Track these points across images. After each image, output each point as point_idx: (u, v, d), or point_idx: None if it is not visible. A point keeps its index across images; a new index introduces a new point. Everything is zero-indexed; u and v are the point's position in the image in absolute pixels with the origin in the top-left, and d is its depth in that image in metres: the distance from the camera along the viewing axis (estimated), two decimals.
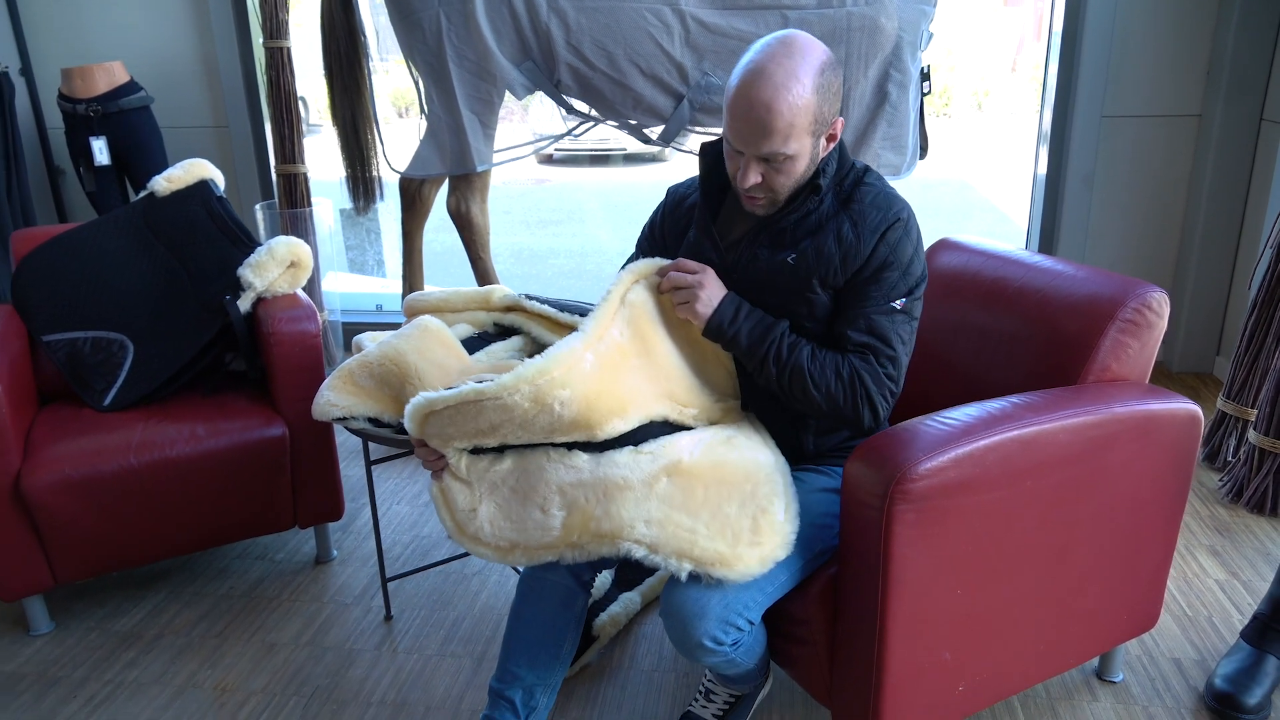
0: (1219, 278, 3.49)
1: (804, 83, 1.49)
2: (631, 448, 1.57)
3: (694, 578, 1.52)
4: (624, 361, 1.59)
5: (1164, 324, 1.83)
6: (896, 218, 1.61)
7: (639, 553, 1.51)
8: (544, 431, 1.54)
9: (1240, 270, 3.43)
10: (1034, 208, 3.74)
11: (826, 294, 1.63)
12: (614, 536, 1.52)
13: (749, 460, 1.62)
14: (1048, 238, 3.68)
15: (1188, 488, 1.84)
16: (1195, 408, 1.78)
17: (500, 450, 1.58)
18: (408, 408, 1.56)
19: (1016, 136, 11.32)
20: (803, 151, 1.54)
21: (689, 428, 1.64)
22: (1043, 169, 3.64)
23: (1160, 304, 1.81)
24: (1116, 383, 1.79)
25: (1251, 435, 2.67)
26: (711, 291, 1.60)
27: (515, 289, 2.31)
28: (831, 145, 1.61)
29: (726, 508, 1.56)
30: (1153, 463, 1.76)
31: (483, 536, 1.57)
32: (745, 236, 1.67)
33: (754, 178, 1.55)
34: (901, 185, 3.29)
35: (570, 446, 1.56)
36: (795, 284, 1.62)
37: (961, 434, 1.54)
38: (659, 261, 1.66)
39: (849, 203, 1.63)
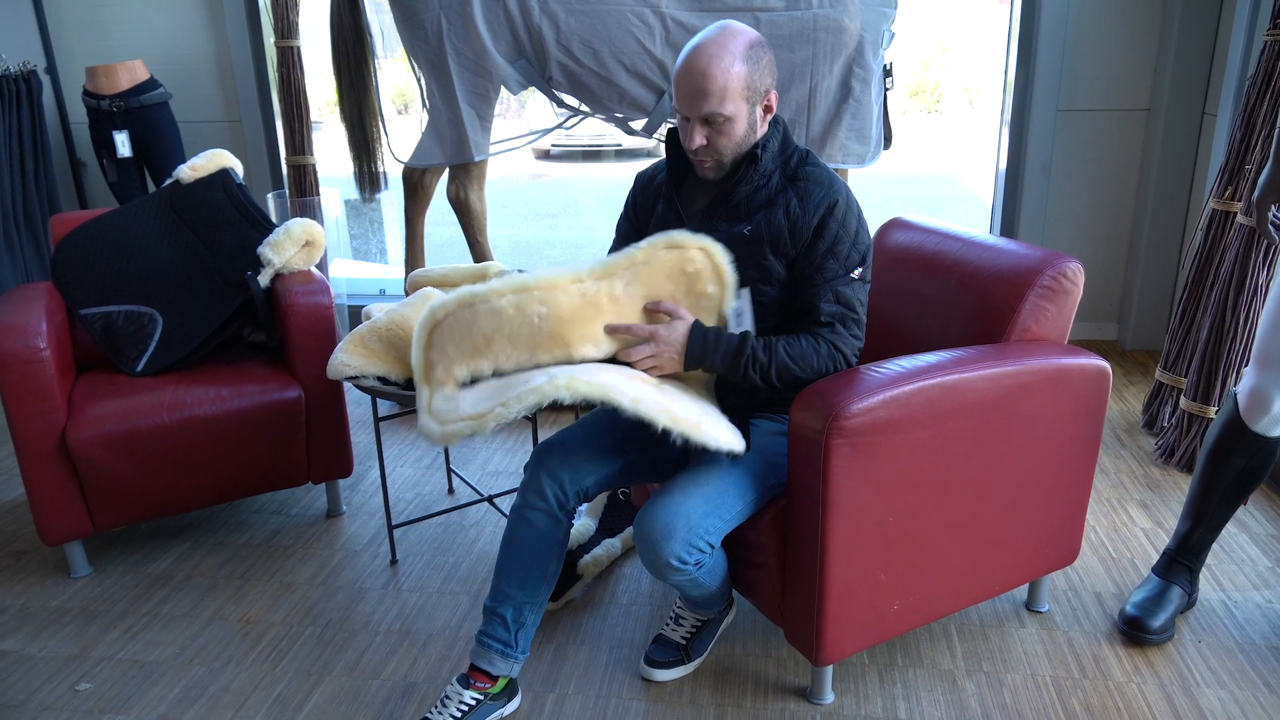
0: (1168, 260, 3.74)
1: (733, 53, 1.75)
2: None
3: (663, 495, 1.77)
4: (608, 310, 1.79)
5: (1079, 291, 2.08)
6: (838, 196, 1.86)
7: (625, 392, 1.64)
8: (528, 346, 1.74)
9: (1187, 252, 3.68)
10: (997, 195, 3.99)
11: (779, 261, 1.87)
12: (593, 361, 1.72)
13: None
14: (1009, 223, 3.93)
15: (1099, 434, 2.08)
16: (1104, 363, 2.03)
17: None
18: (419, 320, 1.78)
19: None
20: (739, 115, 1.79)
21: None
22: (1005, 160, 3.89)
23: (1075, 273, 2.05)
24: (1035, 341, 2.03)
25: (1183, 402, 2.92)
26: (670, 345, 1.78)
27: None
28: (769, 118, 1.86)
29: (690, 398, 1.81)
30: (1065, 410, 2.01)
31: (461, 412, 1.71)
32: (706, 209, 1.92)
33: (699, 139, 1.81)
34: (888, 179, 3.54)
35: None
36: (750, 252, 1.87)
37: (891, 380, 1.79)
38: (678, 239, 1.81)
39: (795, 180, 1.87)
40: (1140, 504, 2.72)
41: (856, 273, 1.88)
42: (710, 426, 1.73)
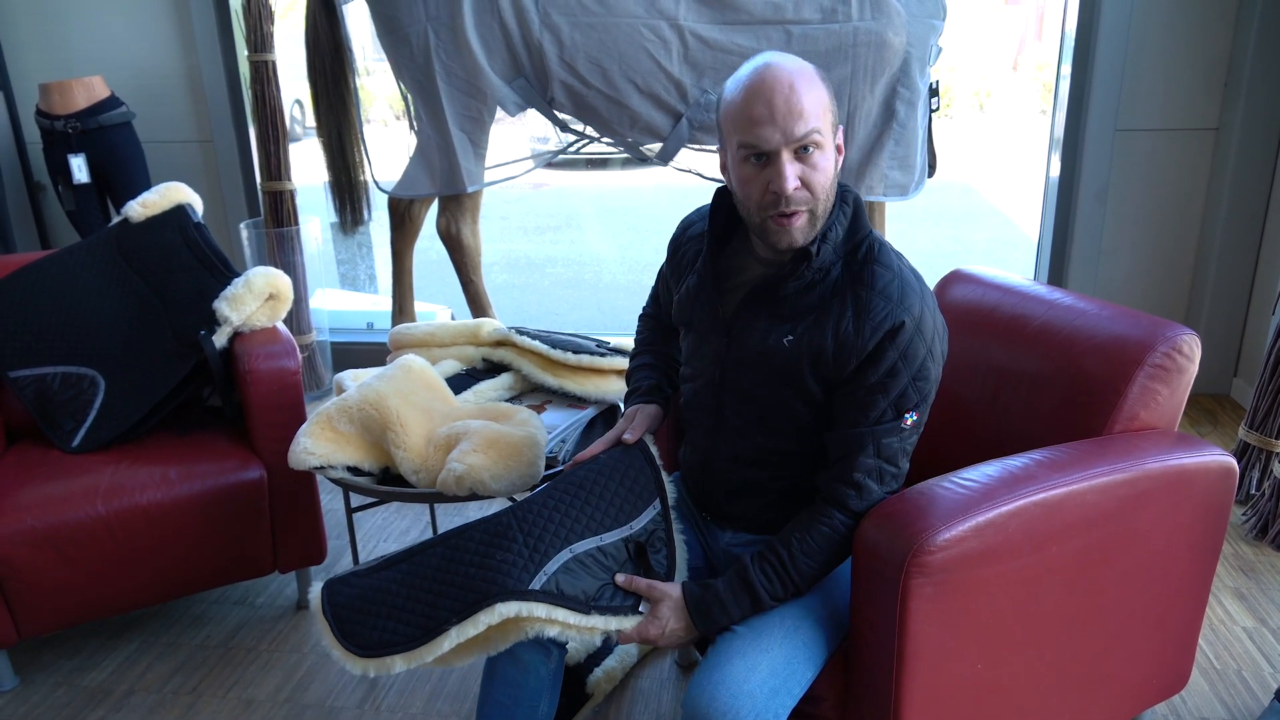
0: (1237, 296, 3.38)
1: (811, 71, 1.38)
2: None
3: (721, 667, 1.40)
4: None
5: (1194, 368, 1.71)
6: (905, 315, 1.40)
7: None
8: None
9: (1259, 288, 3.32)
10: (1045, 223, 3.63)
11: (818, 383, 1.47)
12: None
13: None
14: (1059, 253, 3.56)
15: (1220, 543, 1.72)
16: (1229, 459, 1.66)
17: None
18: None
19: (1019, 138, 11.19)
20: (828, 145, 1.38)
21: None
22: (1054, 184, 3.52)
23: (1191, 348, 1.69)
24: (1145, 432, 1.67)
25: (1277, 468, 2.55)
26: (671, 638, 1.47)
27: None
28: (839, 161, 1.45)
29: None
30: (1184, 519, 1.65)
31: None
32: (744, 301, 1.50)
33: (792, 180, 1.35)
34: None
35: None
36: (787, 367, 1.46)
37: (981, 498, 1.42)
38: None
39: (858, 283, 1.44)
40: (1236, 594, 2.35)
41: (909, 420, 1.44)
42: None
